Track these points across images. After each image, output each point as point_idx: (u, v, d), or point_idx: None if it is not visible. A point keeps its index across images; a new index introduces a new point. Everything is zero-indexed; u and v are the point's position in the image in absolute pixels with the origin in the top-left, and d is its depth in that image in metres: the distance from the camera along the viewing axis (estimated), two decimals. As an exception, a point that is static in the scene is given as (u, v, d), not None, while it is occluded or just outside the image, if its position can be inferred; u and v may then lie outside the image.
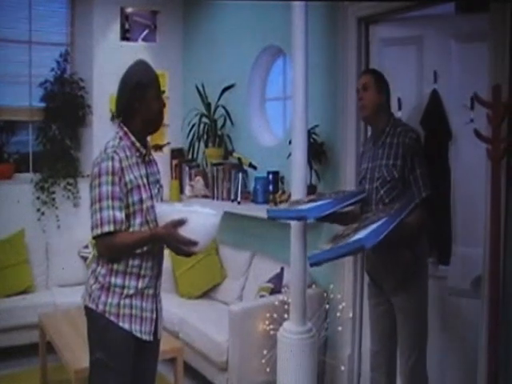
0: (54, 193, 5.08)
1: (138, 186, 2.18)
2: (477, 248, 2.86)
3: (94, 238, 2.13)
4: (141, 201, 2.18)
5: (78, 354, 3.21)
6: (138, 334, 2.21)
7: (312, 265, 2.28)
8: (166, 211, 2.11)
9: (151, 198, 2.24)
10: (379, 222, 2.24)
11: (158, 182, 2.35)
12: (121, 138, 2.22)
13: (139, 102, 2.20)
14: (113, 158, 2.12)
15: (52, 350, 3.55)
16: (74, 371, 3.04)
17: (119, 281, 2.18)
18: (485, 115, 2.59)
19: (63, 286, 4.76)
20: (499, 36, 2.61)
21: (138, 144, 2.23)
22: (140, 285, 2.21)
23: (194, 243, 2.06)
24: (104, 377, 2.19)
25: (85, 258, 4.91)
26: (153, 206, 2.20)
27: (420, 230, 2.63)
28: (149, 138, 2.36)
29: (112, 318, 2.17)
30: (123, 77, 2.25)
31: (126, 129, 2.23)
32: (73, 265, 4.87)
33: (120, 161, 2.13)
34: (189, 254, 2.14)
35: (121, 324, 2.17)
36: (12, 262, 4.56)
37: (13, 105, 5.08)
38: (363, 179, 2.80)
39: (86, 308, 2.24)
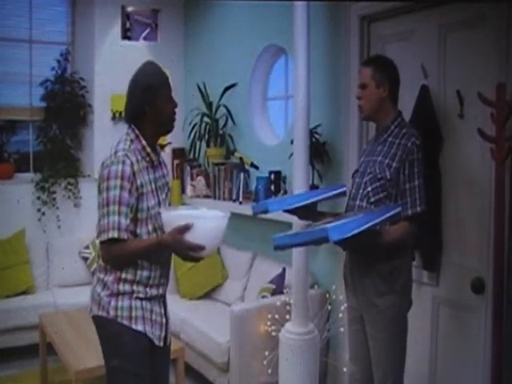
0: (54, 193, 5.06)
1: (147, 193, 2.15)
2: (468, 256, 2.80)
3: (100, 243, 2.10)
4: (148, 208, 2.14)
5: (79, 355, 3.20)
6: (151, 336, 2.18)
7: (276, 248, 2.06)
8: (172, 217, 2.07)
9: (158, 204, 2.20)
10: (353, 218, 2.07)
11: (166, 185, 2.31)
12: (131, 141, 2.16)
13: (150, 105, 2.16)
14: (124, 162, 2.07)
15: (52, 351, 3.54)
16: (74, 372, 3.03)
17: (127, 287, 2.15)
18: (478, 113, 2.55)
19: (64, 286, 4.75)
20: (503, 34, 2.58)
21: (148, 149, 2.18)
22: (148, 291, 2.18)
23: (202, 248, 2.02)
24: (124, 383, 2.15)
25: (85, 259, 4.90)
26: (159, 213, 2.14)
27: (403, 243, 2.36)
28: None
29: (125, 322, 2.13)
30: (132, 79, 2.20)
31: (137, 132, 2.18)
32: (73, 265, 4.85)
33: (131, 165, 2.09)
34: (197, 260, 2.10)
35: (134, 326, 2.14)
36: (12, 262, 4.55)
37: (13, 104, 5.07)
38: (356, 173, 2.55)
39: (95, 317, 2.20)
